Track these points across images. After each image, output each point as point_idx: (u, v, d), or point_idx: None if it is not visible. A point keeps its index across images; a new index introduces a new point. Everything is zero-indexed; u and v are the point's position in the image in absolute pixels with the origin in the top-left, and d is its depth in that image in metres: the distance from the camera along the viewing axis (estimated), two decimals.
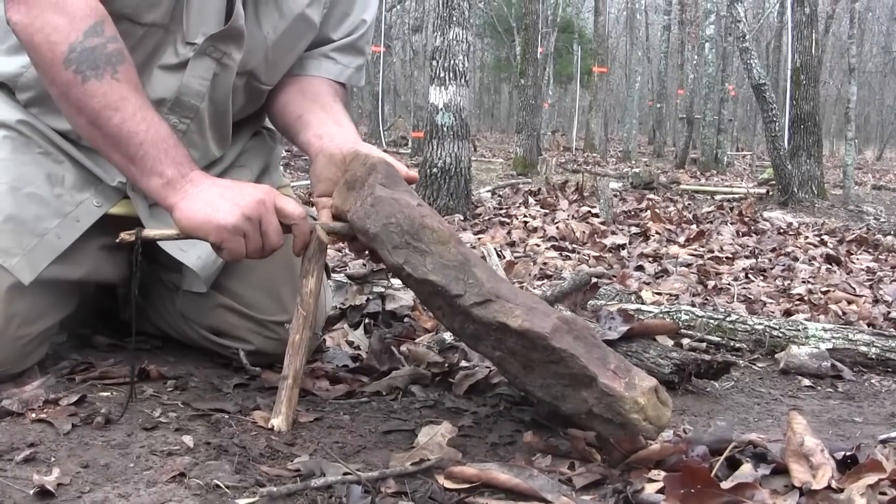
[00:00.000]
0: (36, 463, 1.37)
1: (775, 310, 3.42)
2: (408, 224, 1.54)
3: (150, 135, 1.60)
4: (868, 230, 7.15)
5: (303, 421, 1.65)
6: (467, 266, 1.52)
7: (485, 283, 1.51)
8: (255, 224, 1.58)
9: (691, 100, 19.29)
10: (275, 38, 1.86)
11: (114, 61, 1.59)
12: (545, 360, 1.49)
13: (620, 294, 3.02)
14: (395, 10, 24.52)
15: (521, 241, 5.31)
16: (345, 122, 1.88)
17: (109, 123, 1.59)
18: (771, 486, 1.37)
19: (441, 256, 1.53)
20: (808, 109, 10.32)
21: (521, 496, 1.34)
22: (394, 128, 18.82)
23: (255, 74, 1.90)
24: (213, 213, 1.56)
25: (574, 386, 1.50)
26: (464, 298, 1.51)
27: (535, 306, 1.51)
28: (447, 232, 1.54)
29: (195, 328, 2.02)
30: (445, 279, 1.52)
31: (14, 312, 1.70)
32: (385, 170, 1.61)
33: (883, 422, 1.94)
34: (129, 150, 1.60)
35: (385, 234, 1.55)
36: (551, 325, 1.47)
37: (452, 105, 6.73)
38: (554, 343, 1.46)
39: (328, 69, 1.98)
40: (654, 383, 1.49)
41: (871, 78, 34.64)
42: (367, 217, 1.56)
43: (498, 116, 40.12)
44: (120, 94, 1.59)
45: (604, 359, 1.50)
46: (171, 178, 1.60)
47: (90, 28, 1.58)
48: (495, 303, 1.50)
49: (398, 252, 1.54)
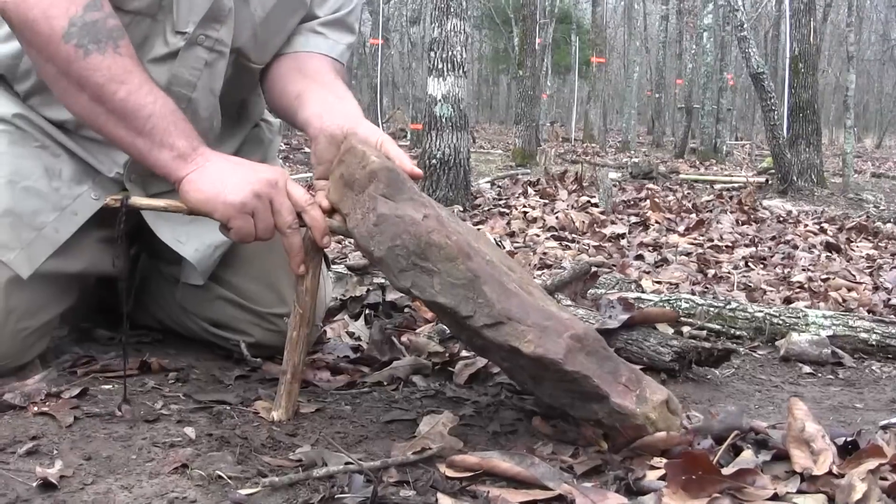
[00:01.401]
0: (39, 456, 1.37)
1: (775, 298, 3.43)
2: (414, 244, 1.47)
3: (157, 107, 1.57)
4: (868, 218, 7.15)
5: (304, 412, 1.65)
6: (477, 284, 1.46)
7: (495, 304, 1.46)
8: (266, 203, 1.54)
9: (690, 89, 19.27)
10: (263, 14, 1.81)
11: (115, 36, 1.57)
12: (557, 379, 1.48)
13: (620, 283, 3.02)
14: (393, 2, 24.49)
15: (521, 231, 5.30)
16: (345, 96, 1.81)
17: (115, 97, 1.56)
18: (772, 472, 1.38)
19: (449, 275, 1.46)
20: (806, 98, 10.32)
21: (522, 484, 1.34)
22: (392, 120, 18.77)
23: (243, 52, 1.84)
24: (221, 188, 1.53)
25: (584, 399, 1.49)
26: (473, 319, 1.46)
27: (548, 324, 1.46)
28: (455, 247, 1.47)
29: (195, 320, 2.02)
30: (454, 300, 1.46)
31: (13, 306, 1.70)
32: (387, 177, 1.51)
33: (883, 408, 1.94)
34: (137, 122, 1.57)
35: (391, 258, 1.48)
36: (564, 349, 1.43)
37: (451, 96, 6.72)
38: (567, 367, 1.44)
39: (318, 44, 1.91)
40: (665, 395, 1.48)
41: (870, 66, 34.61)
42: (370, 238, 1.50)
43: (497, 108, 40.09)
44: (124, 66, 1.57)
45: (615, 372, 1.48)
46: (183, 151, 1.57)
47: (90, 3, 1.56)
48: (506, 325, 1.45)
49: (405, 275, 1.48)
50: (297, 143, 12.85)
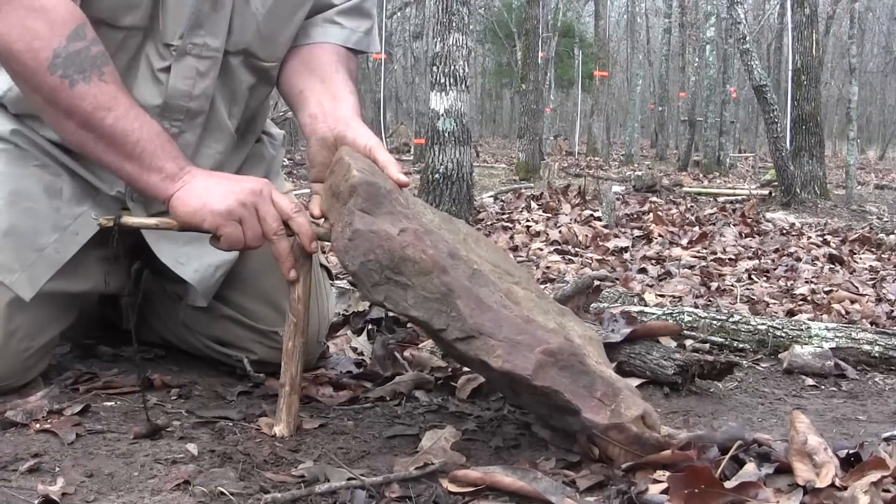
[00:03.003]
0: (41, 473, 1.37)
1: (778, 310, 3.42)
2: (387, 259, 1.48)
3: (144, 131, 1.60)
4: (871, 229, 7.14)
5: (307, 427, 1.65)
6: (450, 298, 1.47)
7: (467, 319, 1.47)
8: (252, 210, 1.57)
9: (693, 102, 19.30)
10: (264, 11, 1.79)
11: (99, 63, 1.59)
12: (530, 392, 1.50)
13: (623, 296, 3.02)
14: (396, 17, 24.58)
15: (524, 245, 5.31)
16: (342, 95, 1.79)
17: (103, 123, 1.58)
18: (775, 485, 1.37)
19: (423, 289, 1.48)
20: (809, 110, 10.32)
21: (525, 499, 1.34)
22: (396, 135, 18.82)
23: (251, 52, 1.83)
24: (207, 199, 1.57)
25: (560, 412, 1.50)
26: (446, 333, 1.48)
27: (519, 339, 1.47)
28: (430, 261, 1.48)
29: (199, 338, 2.02)
30: (427, 314, 1.48)
31: (15, 327, 1.70)
32: (366, 192, 1.52)
33: (887, 420, 1.94)
34: (126, 147, 1.59)
35: (363, 272, 1.50)
36: (534, 364, 1.45)
37: (453, 111, 6.73)
38: (536, 382, 1.45)
39: (334, 34, 1.89)
40: (641, 410, 1.47)
41: (873, 78, 34.60)
42: (345, 252, 1.52)
43: (500, 122, 40.12)
44: (110, 94, 1.59)
45: (590, 386, 1.47)
46: (170, 172, 1.60)
47: (72, 32, 1.57)
48: (477, 339, 1.47)
49: (378, 289, 1.50)
50: (301, 158, 12.86)
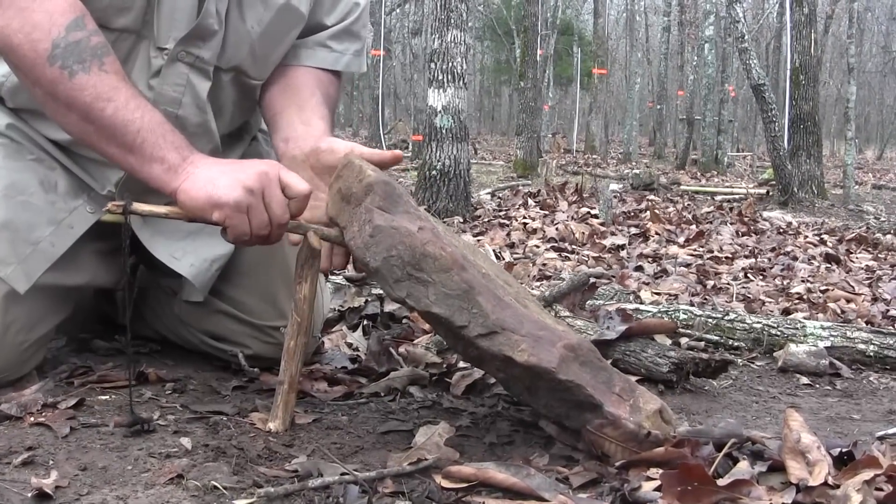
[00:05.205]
0: (34, 466, 1.37)
1: (774, 309, 3.43)
2: (409, 255, 1.48)
3: (146, 121, 1.57)
4: (868, 229, 7.15)
5: (301, 422, 1.65)
6: (471, 294, 1.48)
7: (490, 314, 1.47)
8: (258, 197, 1.54)
9: (691, 101, 19.31)
10: (260, 30, 1.80)
11: (99, 53, 1.57)
12: (551, 388, 1.49)
13: (619, 294, 3.02)
14: (395, 14, 24.55)
15: (521, 242, 5.31)
16: (313, 121, 1.80)
17: (103, 114, 1.56)
18: (768, 483, 1.38)
19: (444, 285, 1.48)
20: (807, 109, 10.33)
21: (518, 495, 1.34)
22: (394, 131, 18.80)
23: (242, 70, 1.84)
24: (213, 190, 1.53)
25: (579, 409, 1.50)
26: (468, 329, 1.48)
27: (541, 335, 1.48)
28: (449, 258, 1.48)
29: (193, 332, 2.02)
30: (449, 310, 1.48)
31: (11, 320, 1.70)
32: (383, 190, 1.53)
33: (880, 418, 1.94)
34: (127, 138, 1.57)
35: (386, 269, 1.50)
36: (558, 358, 1.46)
37: (451, 107, 6.73)
38: (560, 376, 1.45)
39: (323, 58, 1.91)
40: (659, 405, 1.50)
41: (871, 78, 34.62)
42: (366, 249, 1.51)
43: (498, 119, 40.10)
44: (110, 84, 1.57)
45: (609, 381, 1.50)
46: (173, 163, 1.57)
47: (71, 23, 1.55)
48: (500, 335, 1.47)
49: (400, 286, 1.50)
50: None
